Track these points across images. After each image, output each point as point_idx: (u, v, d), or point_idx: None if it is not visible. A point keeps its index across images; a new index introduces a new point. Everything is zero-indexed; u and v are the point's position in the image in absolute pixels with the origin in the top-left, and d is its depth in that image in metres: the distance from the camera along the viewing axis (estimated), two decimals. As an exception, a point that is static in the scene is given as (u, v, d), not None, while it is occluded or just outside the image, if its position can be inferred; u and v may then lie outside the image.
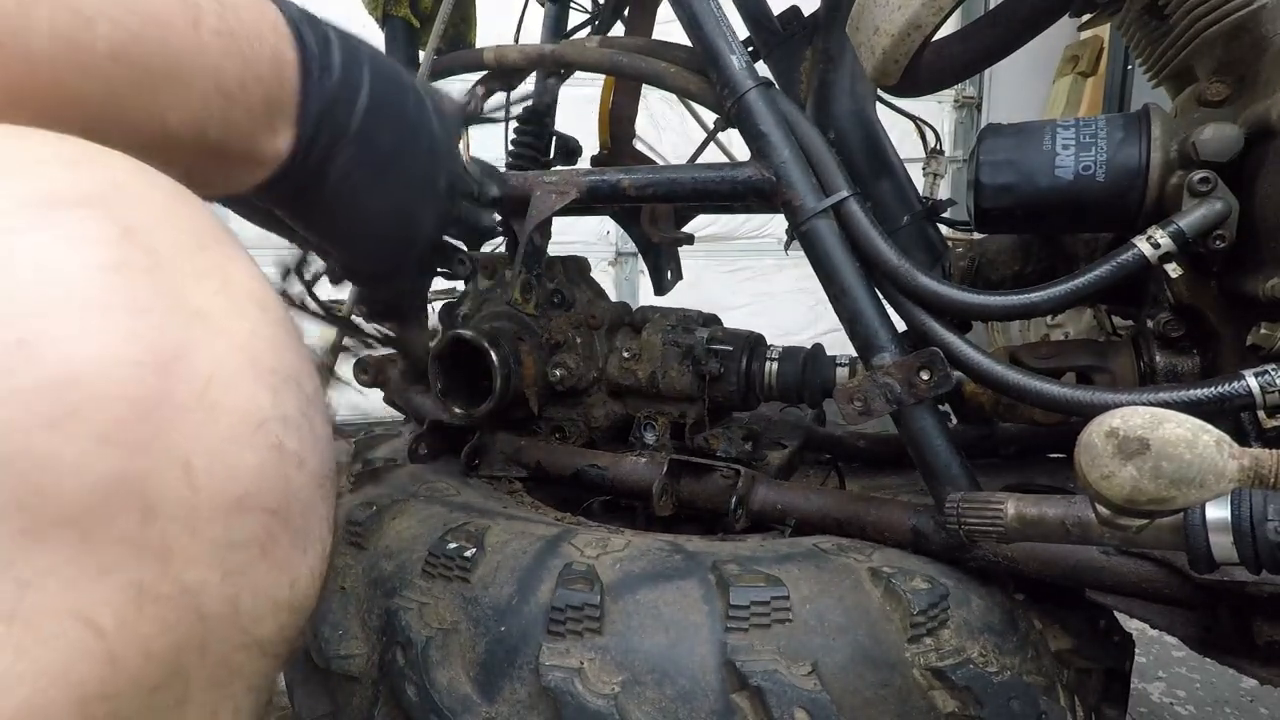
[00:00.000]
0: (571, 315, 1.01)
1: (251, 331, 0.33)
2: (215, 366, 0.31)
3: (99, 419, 0.27)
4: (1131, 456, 0.44)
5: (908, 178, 0.88)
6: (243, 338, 0.32)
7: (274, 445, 0.32)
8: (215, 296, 0.32)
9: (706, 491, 0.86)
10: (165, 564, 0.29)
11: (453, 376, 0.96)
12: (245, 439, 0.31)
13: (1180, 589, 0.64)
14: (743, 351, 0.93)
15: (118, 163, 0.33)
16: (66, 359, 0.27)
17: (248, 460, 0.31)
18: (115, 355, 0.28)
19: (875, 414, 0.72)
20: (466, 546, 0.72)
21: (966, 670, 0.63)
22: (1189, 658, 1.51)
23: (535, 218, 0.89)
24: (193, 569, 0.30)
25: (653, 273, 1.31)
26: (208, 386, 0.30)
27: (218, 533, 0.30)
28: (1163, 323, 0.72)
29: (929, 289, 0.71)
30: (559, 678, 0.61)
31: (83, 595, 0.27)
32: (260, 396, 0.32)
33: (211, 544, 0.30)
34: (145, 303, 0.29)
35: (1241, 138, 0.61)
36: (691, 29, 0.81)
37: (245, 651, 0.33)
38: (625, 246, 3.70)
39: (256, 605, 0.33)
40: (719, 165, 0.84)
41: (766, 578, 0.66)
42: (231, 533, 0.31)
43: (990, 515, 0.61)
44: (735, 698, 0.61)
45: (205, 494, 0.30)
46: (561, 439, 1.01)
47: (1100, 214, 0.70)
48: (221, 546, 0.30)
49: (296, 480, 0.34)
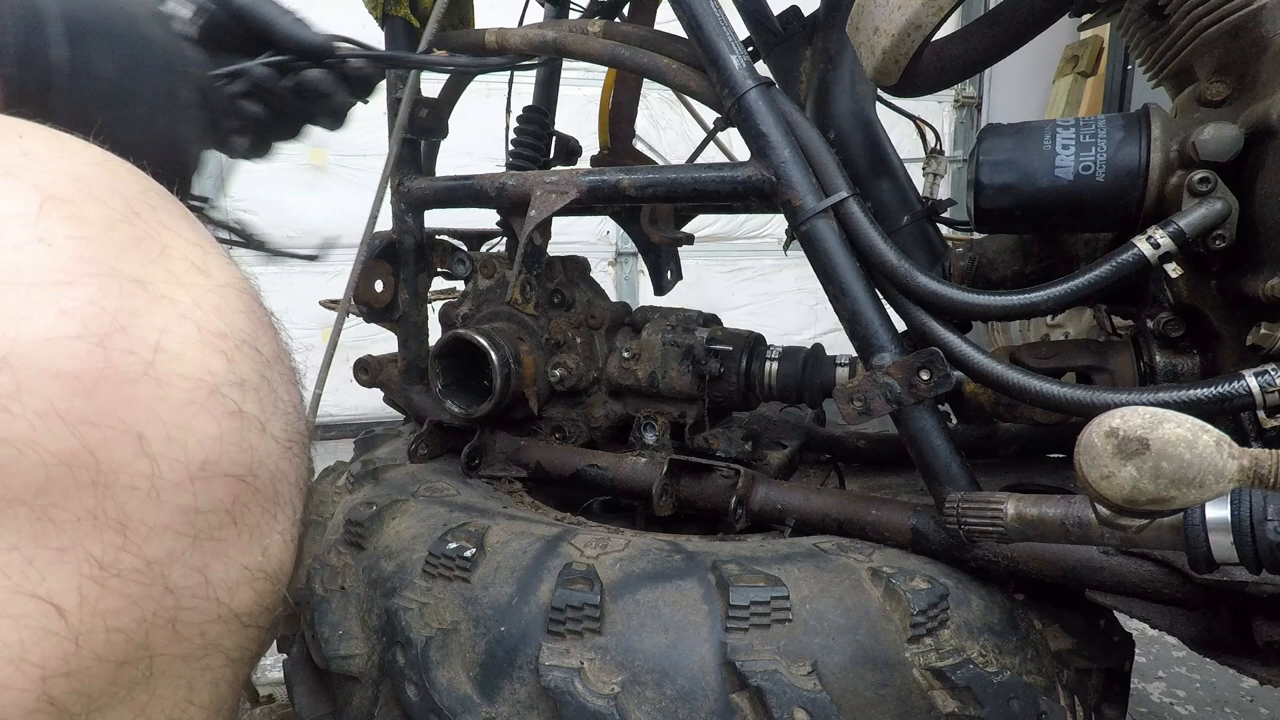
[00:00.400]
0: (571, 315, 1.01)
1: (194, 299, 0.32)
2: (160, 335, 0.30)
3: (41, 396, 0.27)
4: (1131, 456, 0.44)
5: (908, 178, 0.88)
6: (186, 305, 0.32)
7: (232, 411, 0.32)
8: (151, 264, 0.31)
9: (706, 491, 0.86)
10: (126, 537, 0.29)
11: (453, 376, 0.96)
12: (200, 405, 0.31)
13: (1180, 589, 0.64)
14: (743, 351, 0.93)
15: (29, 131, 0.32)
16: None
17: (205, 427, 0.31)
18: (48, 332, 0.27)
19: (875, 414, 0.72)
20: (466, 546, 0.72)
21: (966, 670, 0.63)
22: (1189, 658, 1.51)
23: (535, 218, 0.89)
24: (155, 541, 0.29)
25: (653, 273, 1.31)
26: (155, 356, 0.30)
27: (182, 501, 0.30)
28: (1163, 323, 0.72)
29: (929, 289, 0.71)
30: (559, 678, 0.61)
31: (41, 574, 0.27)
32: (212, 362, 0.32)
33: (175, 513, 0.30)
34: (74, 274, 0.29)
35: (1241, 138, 0.61)
36: (692, 29, 0.81)
37: (222, 623, 0.33)
38: (625, 246, 3.70)
39: (229, 574, 0.32)
40: (719, 165, 0.84)
41: (766, 578, 0.66)
42: (197, 500, 0.31)
43: (990, 515, 0.61)
44: (735, 698, 0.61)
45: (164, 463, 0.29)
46: (561, 439, 1.01)
47: (1100, 214, 0.70)
48: (187, 515, 0.30)
49: (260, 444, 0.33)
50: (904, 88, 0.76)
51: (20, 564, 0.26)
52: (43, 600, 0.27)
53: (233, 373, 0.33)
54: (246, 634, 0.34)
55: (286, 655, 0.89)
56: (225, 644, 0.33)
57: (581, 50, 0.91)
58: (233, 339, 0.33)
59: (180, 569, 0.30)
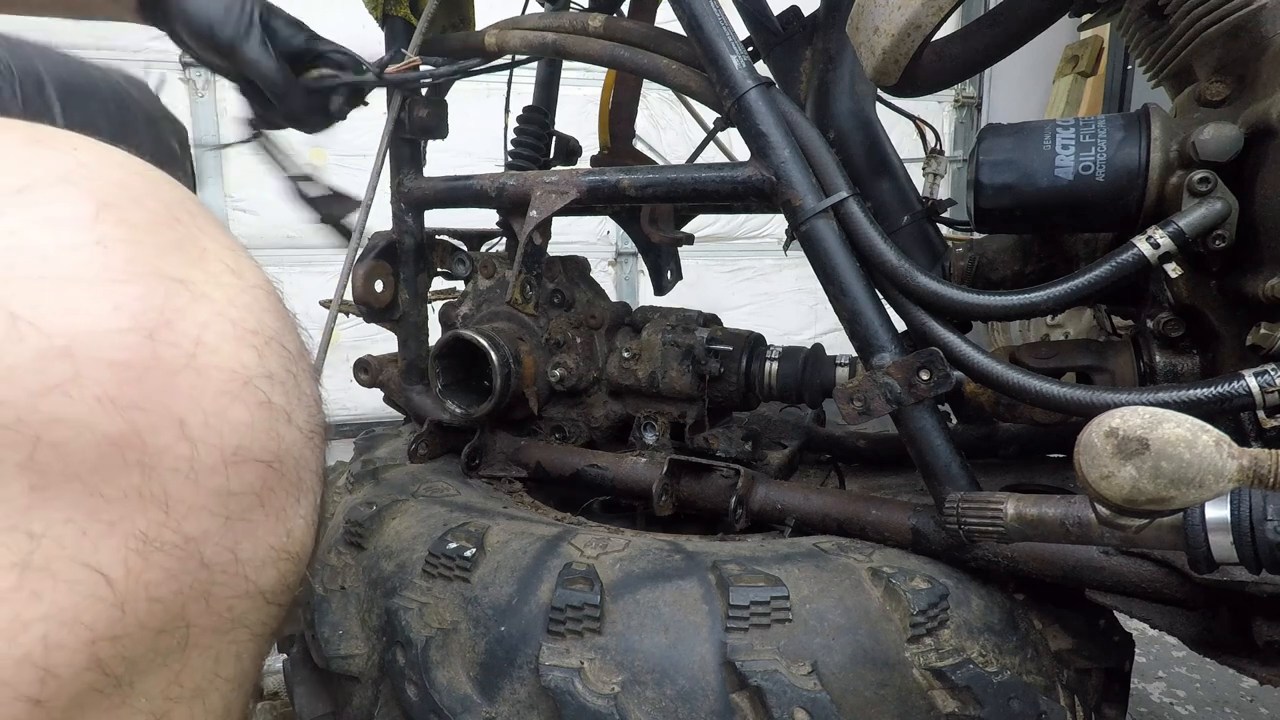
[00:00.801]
0: (571, 315, 1.01)
1: (229, 298, 0.35)
2: (201, 330, 0.33)
3: (97, 382, 0.29)
4: (1131, 456, 0.44)
5: (908, 178, 0.88)
6: (222, 303, 0.34)
7: (262, 401, 0.35)
8: (191, 267, 0.34)
9: (706, 491, 0.86)
10: (167, 514, 0.31)
11: (453, 376, 0.96)
12: (235, 395, 0.33)
13: (1180, 589, 0.64)
14: (743, 351, 0.93)
15: (81, 143, 0.35)
16: (58, 332, 0.29)
17: (239, 415, 0.33)
18: (104, 325, 0.30)
19: (875, 414, 0.72)
20: (466, 546, 0.72)
21: (966, 670, 0.63)
22: (1189, 658, 1.51)
23: (535, 218, 0.89)
24: (193, 519, 0.32)
25: (653, 273, 1.31)
26: (196, 349, 0.32)
27: (217, 483, 0.32)
28: (1163, 323, 0.72)
29: (929, 289, 0.71)
30: (559, 677, 0.61)
31: (92, 545, 0.29)
32: (245, 356, 0.34)
33: (211, 494, 0.32)
34: (126, 274, 0.31)
35: (1241, 138, 0.61)
36: (691, 29, 0.81)
37: (249, 599, 0.35)
38: (625, 246, 3.69)
39: (257, 553, 0.35)
40: (719, 165, 0.84)
41: (766, 578, 0.66)
42: (230, 483, 0.33)
43: (990, 515, 0.61)
44: (735, 698, 0.61)
45: (202, 447, 0.32)
46: (561, 439, 1.01)
47: (1100, 214, 0.70)
48: (221, 496, 0.33)
49: (287, 433, 0.36)
50: (904, 88, 0.76)
51: (75, 535, 0.29)
52: (94, 569, 0.29)
53: (263, 366, 0.35)
54: (269, 610, 0.37)
55: (286, 655, 0.89)
56: (250, 619, 0.36)
57: (581, 51, 0.91)
58: (263, 335, 0.36)
59: (214, 546, 0.33)
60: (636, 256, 3.76)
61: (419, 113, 0.99)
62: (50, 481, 0.28)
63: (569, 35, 0.92)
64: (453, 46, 0.99)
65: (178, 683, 0.33)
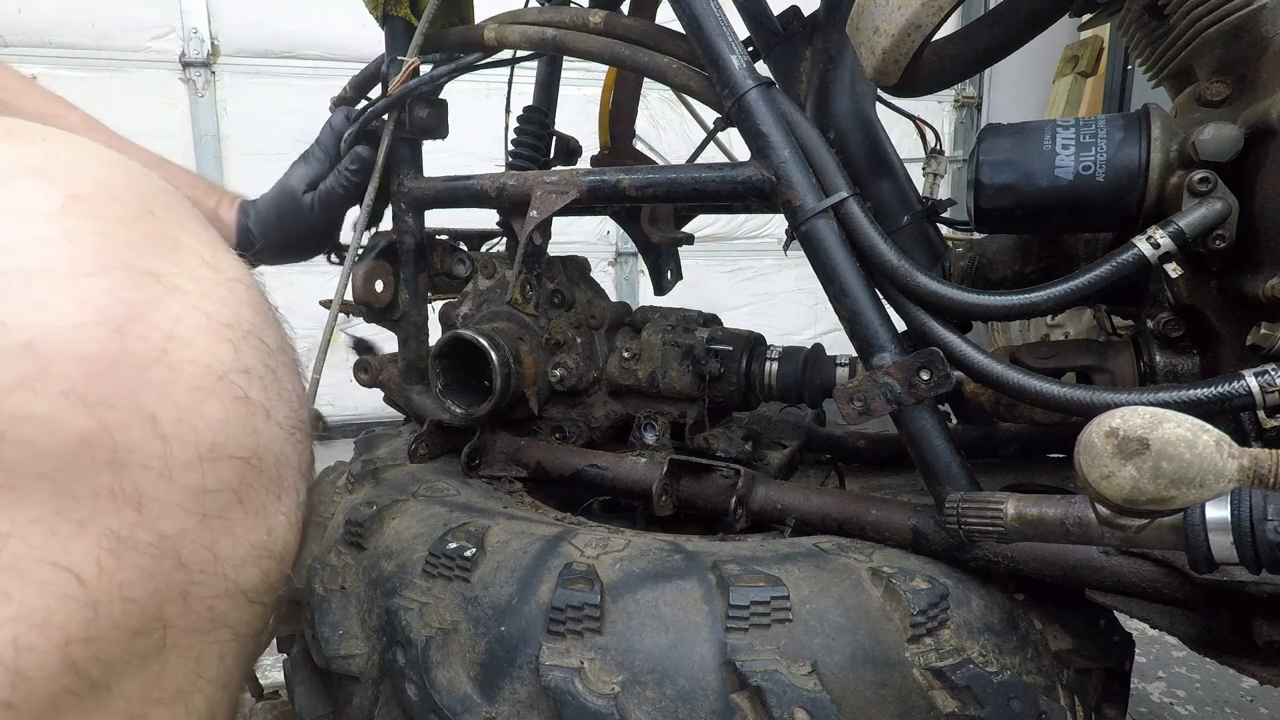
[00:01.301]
0: (571, 315, 1.01)
1: (204, 291, 0.34)
2: (173, 324, 0.32)
3: (63, 378, 0.28)
4: (1131, 456, 0.44)
5: (908, 178, 0.88)
6: (196, 296, 0.34)
7: (238, 397, 0.34)
8: (163, 259, 0.33)
9: (706, 491, 0.86)
10: (141, 513, 0.30)
11: (453, 376, 0.96)
12: (209, 391, 0.33)
13: (1180, 589, 0.64)
14: (743, 351, 0.93)
15: (53, 135, 0.34)
16: (22, 326, 0.28)
17: (214, 411, 0.33)
18: (70, 319, 0.29)
19: (875, 414, 0.72)
20: (466, 546, 0.72)
21: (966, 670, 0.63)
22: (1189, 658, 1.51)
23: (535, 218, 0.89)
24: (168, 517, 0.31)
25: (653, 273, 1.31)
26: (167, 343, 0.32)
27: (192, 480, 0.32)
28: (1163, 323, 0.72)
29: (929, 289, 0.71)
30: (559, 677, 0.61)
31: (61, 545, 0.28)
32: (219, 350, 0.34)
33: (186, 491, 0.32)
34: (94, 266, 0.31)
35: (1241, 138, 0.61)
36: (692, 29, 0.81)
37: (229, 599, 0.34)
38: (625, 246, 3.69)
39: (236, 551, 0.34)
40: (719, 165, 0.84)
41: (766, 578, 0.66)
42: (206, 480, 0.32)
43: (990, 515, 0.61)
44: (735, 697, 0.61)
45: (175, 444, 0.31)
46: (561, 439, 1.01)
47: (1100, 214, 0.70)
48: (196, 494, 0.32)
49: (265, 429, 0.35)
50: (904, 88, 0.76)
51: (43, 535, 0.28)
52: (65, 569, 0.28)
53: (239, 361, 0.34)
54: (252, 610, 0.36)
55: (286, 655, 0.89)
56: (232, 619, 0.35)
57: (581, 48, 0.91)
58: (239, 329, 0.35)
59: (191, 545, 0.32)
60: (636, 256, 3.76)
61: (419, 113, 0.99)
62: (16, 480, 0.27)
63: (569, 31, 0.92)
64: (452, 41, 0.99)
65: (158, 684, 0.32)
